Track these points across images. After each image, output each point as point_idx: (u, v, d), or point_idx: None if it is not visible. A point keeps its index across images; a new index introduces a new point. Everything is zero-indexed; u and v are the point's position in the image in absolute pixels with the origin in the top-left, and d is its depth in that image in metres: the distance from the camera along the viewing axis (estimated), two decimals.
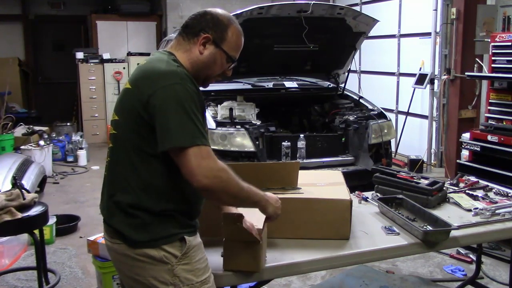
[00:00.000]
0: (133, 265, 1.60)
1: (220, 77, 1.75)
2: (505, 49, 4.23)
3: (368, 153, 4.58)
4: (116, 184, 1.63)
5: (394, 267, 3.62)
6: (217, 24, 1.68)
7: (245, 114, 4.52)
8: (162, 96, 1.52)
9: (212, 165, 1.51)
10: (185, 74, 1.58)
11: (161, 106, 1.51)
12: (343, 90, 5.39)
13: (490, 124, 4.39)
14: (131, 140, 1.59)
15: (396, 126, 6.75)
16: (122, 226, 1.60)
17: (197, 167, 1.48)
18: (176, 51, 1.69)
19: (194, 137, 1.50)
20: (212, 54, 1.68)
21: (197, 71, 1.68)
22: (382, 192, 2.49)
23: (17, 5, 9.87)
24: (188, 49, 1.68)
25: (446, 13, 6.10)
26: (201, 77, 1.71)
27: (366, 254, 1.92)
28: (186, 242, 1.60)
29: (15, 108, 8.86)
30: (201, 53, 1.67)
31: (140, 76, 1.61)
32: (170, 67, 1.58)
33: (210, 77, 1.73)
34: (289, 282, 3.35)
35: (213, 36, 1.67)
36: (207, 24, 1.68)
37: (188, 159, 1.49)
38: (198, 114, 1.54)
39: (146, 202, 1.58)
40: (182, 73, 1.58)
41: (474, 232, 2.12)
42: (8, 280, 3.47)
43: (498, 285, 3.37)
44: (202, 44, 1.67)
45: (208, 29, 1.67)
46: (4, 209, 2.89)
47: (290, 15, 4.44)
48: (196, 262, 1.62)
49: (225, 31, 1.68)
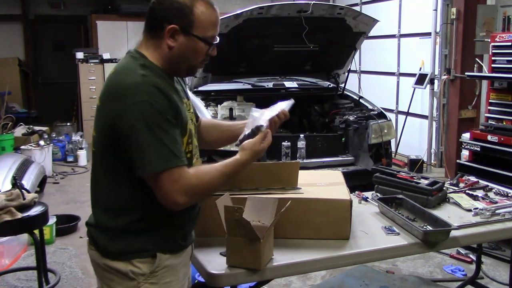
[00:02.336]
0: (103, 275, 1.57)
1: (206, 60, 1.60)
2: (505, 49, 4.23)
3: (368, 153, 4.59)
4: (92, 198, 1.60)
5: (394, 267, 3.62)
6: (179, 9, 1.48)
7: (245, 114, 4.52)
8: (128, 119, 1.41)
9: (184, 186, 1.45)
10: (152, 85, 1.44)
11: (128, 130, 1.41)
12: (343, 90, 5.39)
13: (490, 124, 4.39)
14: (104, 158, 1.53)
15: (396, 126, 6.75)
16: (96, 234, 1.57)
17: (171, 192, 1.43)
18: (147, 50, 1.53)
19: (165, 161, 1.42)
20: (184, 45, 1.51)
21: (175, 66, 1.56)
22: (382, 192, 2.49)
23: (17, 5, 9.86)
24: (158, 46, 1.52)
25: (446, 13, 6.10)
26: (183, 70, 1.59)
27: (366, 254, 1.92)
28: (157, 260, 1.52)
29: (15, 108, 8.86)
30: (171, 47, 1.51)
31: (106, 92, 1.50)
32: (135, 78, 1.44)
33: (194, 66, 1.60)
34: (289, 282, 3.35)
35: (179, 24, 1.48)
36: (169, 13, 1.48)
37: (161, 184, 1.43)
38: (170, 129, 1.44)
39: (119, 219, 1.52)
40: (147, 86, 1.43)
41: (474, 232, 2.12)
42: (8, 280, 3.47)
43: (498, 285, 3.37)
44: (170, 36, 1.50)
45: (171, 18, 1.48)
46: (4, 209, 2.89)
47: (290, 15, 4.44)
48: (165, 284, 1.54)
49: (190, 14, 1.48)
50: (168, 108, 1.45)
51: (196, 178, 1.48)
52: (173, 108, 1.47)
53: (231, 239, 1.67)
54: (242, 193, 1.87)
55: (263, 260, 1.69)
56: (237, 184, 1.91)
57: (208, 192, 1.55)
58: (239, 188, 1.92)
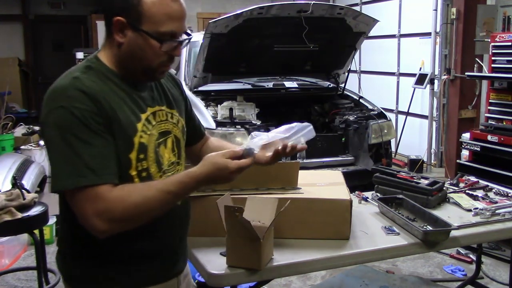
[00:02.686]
0: None
1: (169, 62, 1.37)
2: (505, 49, 4.23)
3: (368, 153, 4.59)
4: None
5: (394, 267, 3.62)
6: (126, 0, 1.28)
7: (245, 114, 4.52)
8: (45, 128, 1.26)
9: (102, 209, 1.22)
10: (77, 88, 1.26)
11: (46, 140, 1.27)
12: (343, 90, 5.39)
13: (490, 124, 4.40)
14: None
15: (396, 126, 6.75)
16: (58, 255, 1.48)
17: (87, 215, 1.23)
18: (104, 50, 1.37)
19: (78, 177, 1.21)
20: (133, 41, 1.30)
21: (128, 66, 1.35)
22: (382, 192, 2.49)
23: (17, 5, 9.87)
24: (111, 44, 1.34)
25: (446, 13, 6.11)
26: (138, 71, 1.35)
27: (366, 254, 1.92)
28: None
29: (15, 108, 8.86)
30: (120, 44, 1.31)
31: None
32: (64, 82, 1.28)
33: (151, 67, 1.34)
34: (289, 282, 3.35)
35: (126, 18, 1.28)
36: (115, 4, 1.30)
37: (75, 205, 1.24)
38: (91, 140, 1.23)
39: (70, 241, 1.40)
40: (71, 90, 1.25)
41: (474, 232, 2.12)
42: (8, 280, 3.47)
43: (498, 285, 3.37)
44: (119, 31, 1.30)
45: (118, 9, 1.29)
46: (4, 209, 2.89)
47: (290, 15, 4.44)
48: None
49: (138, 5, 1.27)
50: (93, 114, 1.24)
51: (120, 201, 1.24)
52: (103, 116, 1.26)
53: (231, 239, 1.66)
54: (242, 193, 1.87)
55: (263, 260, 1.69)
56: (237, 184, 1.91)
57: (139, 217, 1.28)
58: (239, 188, 1.92)
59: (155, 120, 1.40)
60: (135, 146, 1.32)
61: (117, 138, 1.29)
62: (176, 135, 1.47)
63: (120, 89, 1.34)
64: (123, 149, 1.30)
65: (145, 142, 1.35)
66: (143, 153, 1.34)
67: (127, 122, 1.31)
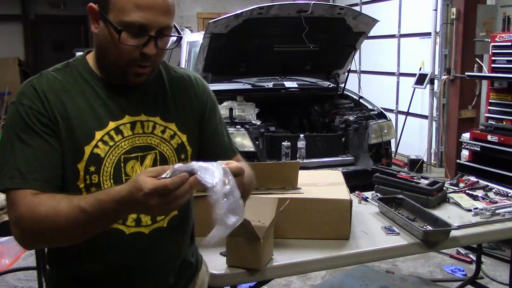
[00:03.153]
0: None
1: (143, 61, 1.16)
2: (505, 49, 4.23)
3: (368, 153, 4.59)
4: None
5: (394, 267, 3.62)
6: None
7: (245, 114, 4.52)
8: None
9: (16, 216, 1.09)
10: (31, 84, 1.17)
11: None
12: (343, 90, 5.39)
13: (490, 124, 4.39)
14: None
15: (396, 126, 6.75)
16: None
17: (9, 219, 1.13)
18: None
19: (7, 178, 1.11)
20: (101, 32, 1.16)
21: (102, 64, 1.21)
22: (382, 192, 2.49)
23: (17, 5, 9.87)
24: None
25: (446, 13, 6.10)
26: (112, 72, 1.20)
27: (366, 254, 1.92)
28: None
29: None
30: (95, 35, 1.19)
31: None
32: (31, 79, 1.21)
33: (119, 66, 1.16)
34: (289, 282, 3.35)
35: (98, 4, 1.17)
36: None
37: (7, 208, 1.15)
38: (30, 140, 1.12)
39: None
40: (26, 86, 1.17)
41: (474, 232, 2.12)
42: (8, 280, 3.47)
43: (498, 285, 3.37)
44: (94, 20, 1.18)
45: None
46: (4, 209, 2.89)
47: (290, 15, 4.44)
48: None
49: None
50: (38, 114, 1.13)
51: (30, 210, 1.08)
52: (50, 116, 1.14)
53: (231, 239, 1.67)
54: None
55: (263, 260, 1.69)
56: None
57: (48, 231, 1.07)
58: None
59: (131, 131, 1.21)
60: (85, 156, 1.16)
61: (64, 144, 1.15)
62: (163, 152, 1.24)
63: (93, 91, 1.20)
64: (70, 156, 1.15)
65: (100, 153, 1.17)
66: (95, 166, 1.17)
67: (81, 127, 1.16)
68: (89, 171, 1.16)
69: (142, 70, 1.18)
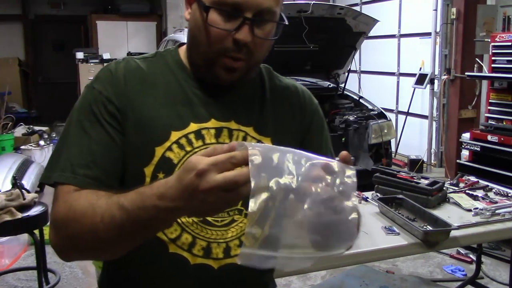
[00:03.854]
0: None
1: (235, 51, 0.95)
2: (505, 49, 4.23)
3: (368, 153, 4.59)
4: None
5: (394, 267, 3.62)
6: None
7: None
8: None
9: (54, 214, 0.91)
10: (109, 68, 1.02)
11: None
12: (343, 90, 5.39)
13: (490, 124, 4.39)
14: None
15: (396, 126, 6.75)
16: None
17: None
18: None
19: (53, 171, 0.94)
20: (192, 16, 0.99)
21: (191, 54, 1.03)
22: (382, 192, 2.49)
23: (17, 5, 9.88)
24: None
25: (446, 13, 6.10)
26: (199, 62, 1.00)
27: (366, 254, 1.92)
28: None
29: (15, 108, 8.87)
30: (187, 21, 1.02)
31: None
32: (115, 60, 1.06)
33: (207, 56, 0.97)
34: (289, 282, 3.35)
35: None
36: None
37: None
38: (90, 129, 0.96)
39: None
40: (104, 69, 1.03)
41: (474, 232, 2.12)
42: (8, 280, 3.47)
43: (498, 285, 3.37)
44: (187, 4, 1.01)
45: None
46: (4, 209, 2.89)
47: (290, 15, 4.44)
48: None
49: None
50: (107, 100, 0.97)
51: (64, 206, 0.90)
52: (120, 105, 0.97)
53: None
54: None
55: None
56: None
57: (81, 233, 0.85)
58: None
59: (215, 138, 1.00)
60: (155, 159, 0.96)
61: (130, 140, 0.97)
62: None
63: (178, 85, 1.02)
64: (136, 157, 0.97)
65: (172, 158, 0.96)
66: (164, 172, 0.95)
67: (156, 124, 0.97)
68: (156, 178, 0.94)
69: (234, 63, 0.96)
